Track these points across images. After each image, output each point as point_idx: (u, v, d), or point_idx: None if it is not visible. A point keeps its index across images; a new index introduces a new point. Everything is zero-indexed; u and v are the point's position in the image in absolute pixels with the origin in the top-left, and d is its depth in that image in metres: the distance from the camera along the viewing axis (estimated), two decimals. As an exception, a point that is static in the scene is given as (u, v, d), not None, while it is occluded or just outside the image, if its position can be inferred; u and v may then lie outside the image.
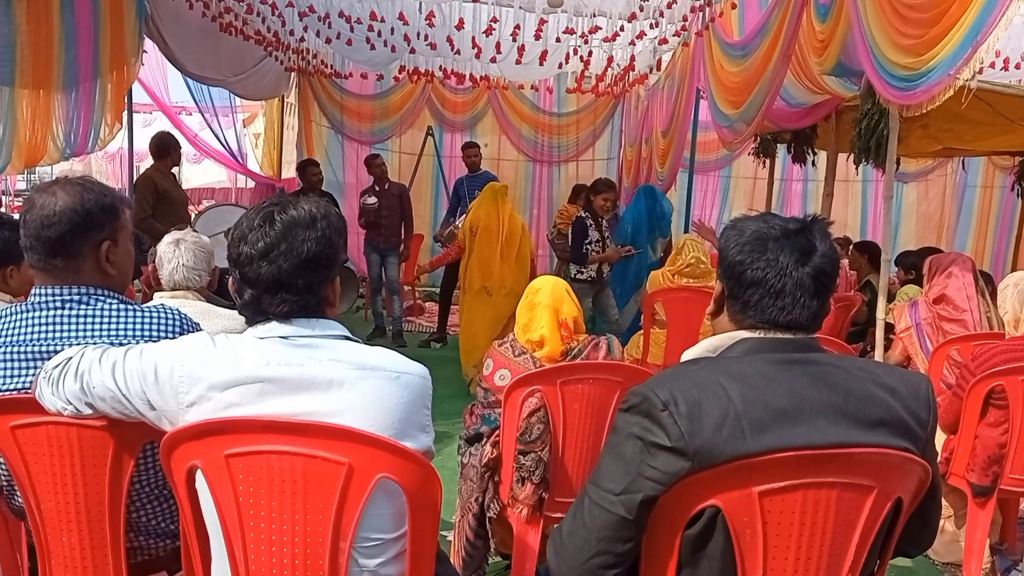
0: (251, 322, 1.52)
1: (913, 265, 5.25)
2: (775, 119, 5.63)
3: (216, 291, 2.87)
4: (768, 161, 6.99)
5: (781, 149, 6.91)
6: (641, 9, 6.03)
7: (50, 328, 1.71)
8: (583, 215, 6.37)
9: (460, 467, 2.90)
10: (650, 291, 5.13)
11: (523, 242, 5.94)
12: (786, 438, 1.30)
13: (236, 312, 1.57)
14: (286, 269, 1.46)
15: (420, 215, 8.68)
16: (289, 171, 9.84)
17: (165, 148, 5.74)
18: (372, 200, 7.05)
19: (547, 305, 2.82)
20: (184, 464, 1.46)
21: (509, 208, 6.00)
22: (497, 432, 2.71)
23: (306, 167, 7.23)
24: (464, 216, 6.37)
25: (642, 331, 5.08)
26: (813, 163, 6.40)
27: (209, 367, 1.46)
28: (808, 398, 1.34)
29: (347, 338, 1.54)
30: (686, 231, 7.73)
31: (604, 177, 6.90)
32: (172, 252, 2.69)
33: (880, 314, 4.00)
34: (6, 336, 1.73)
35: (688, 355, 1.51)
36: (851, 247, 6.70)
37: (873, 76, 3.50)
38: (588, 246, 6.17)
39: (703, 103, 6.62)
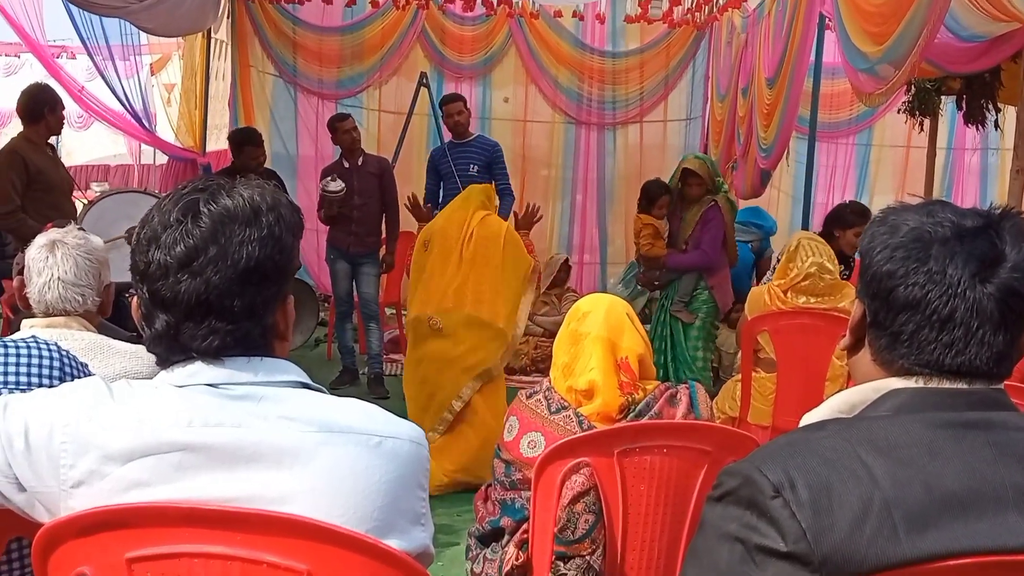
0: (165, 363, 1.54)
1: None
2: (938, 60, 5.60)
3: (112, 317, 2.90)
4: (928, 122, 6.96)
5: (948, 104, 6.89)
6: (736, -102, 6.07)
7: None
8: None
9: (470, 578, 2.90)
10: (750, 316, 5.11)
11: (507, 250, 5.49)
12: (960, 538, 1.30)
13: (142, 348, 1.59)
14: (216, 284, 1.48)
15: (409, 203, 8.72)
16: (219, 141, 9.94)
17: (39, 108, 5.80)
18: (338, 186, 7.00)
19: (599, 337, 2.82)
20: (68, 571, 1.47)
21: (490, 212, 5.69)
22: (525, 527, 2.71)
23: (244, 139, 7.28)
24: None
25: (739, 376, 5.07)
26: (996, 125, 6.36)
27: (103, 429, 1.47)
28: (992, 480, 1.33)
29: (305, 386, 1.56)
30: (804, 227, 7.71)
31: (856, 201, 6.85)
32: (45, 260, 2.67)
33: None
34: None
35: (810, 418, 1.51)
36: None
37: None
38: None
39: (829, 37, 6.61)
